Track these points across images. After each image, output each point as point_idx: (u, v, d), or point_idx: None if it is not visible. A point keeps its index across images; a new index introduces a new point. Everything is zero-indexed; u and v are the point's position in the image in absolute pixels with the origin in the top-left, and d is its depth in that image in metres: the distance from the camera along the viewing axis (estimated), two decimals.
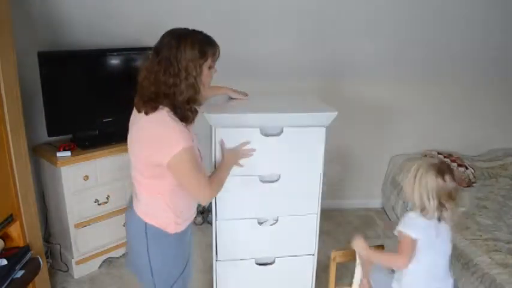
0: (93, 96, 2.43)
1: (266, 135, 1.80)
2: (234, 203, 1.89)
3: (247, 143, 1.74)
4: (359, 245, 1.73)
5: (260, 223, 1.97)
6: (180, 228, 1.52)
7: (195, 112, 1.41)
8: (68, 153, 2.26)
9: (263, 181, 1.89)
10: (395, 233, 1.60)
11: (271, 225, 1.98)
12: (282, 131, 1.80)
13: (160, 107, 1.35)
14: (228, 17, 2.42)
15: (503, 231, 2.50)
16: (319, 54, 2.81)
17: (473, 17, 2.67)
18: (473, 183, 3.13)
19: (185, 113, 1.37)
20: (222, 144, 1.71)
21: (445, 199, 1.52)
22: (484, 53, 3.00)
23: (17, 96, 1.80)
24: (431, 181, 1.51)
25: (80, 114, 2.39)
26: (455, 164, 3.15)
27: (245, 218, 1.95)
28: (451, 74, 3.15)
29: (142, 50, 2.51)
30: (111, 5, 2.24)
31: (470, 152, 3.50)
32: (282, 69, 2.82)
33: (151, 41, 2.50)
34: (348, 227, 3.10)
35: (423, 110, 3.28)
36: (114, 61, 2.42)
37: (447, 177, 1.52)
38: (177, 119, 1.35)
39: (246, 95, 1.97)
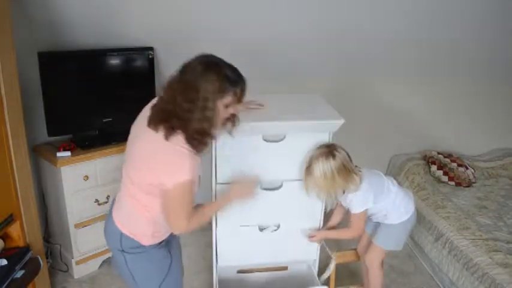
0: (93, 96, 2.43)
1: (268, 141, 1.77)
2: (234, 211, 1.82)
3: (256, 181, 1.69)
4: (321, 236, 1.99)
5: (261, 229, 1.93)
6: (157, 240, 1.52)
7: (205, 144, 1.38)
8: (68, 153, 2.26)
9: (265, 188, 1.84)
10: (354, 211, 1.86)
11: (273, 231, 1.94)
12: (284, 137, 1.77)
13: (178, 131, 1.33)
14: (231, 16, 2.42)
15: (503, 231, 2.50)
16: (318, 55, 2.81)
17: (475, 17, 2.67)
18: (473, 183, 3.13)
19: (193, 142, 1.34)
20: (235, 180, 1.67)
21: (350, 166, 1.76)
22: (484, 54, 3.00)
23: (17, 96, 1.80)
24: (335, 164, 1.72)
25: (80, 114, 2.39)
26: (455, 164, 3.15)
27: (246, 226, 1.90)
28: (451, 74, 3.15)
29: (143, 50, 2.51)
30: (112, 5, 2.23)
31: (470, 152, 3.50)
32: (282, 69, 2.81)
33: (152, 41, 2.52)
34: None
35: (423, 110, 3.28)
36: (114, 61, 2.42)
37: (336, 153, 1.74)
38: (191, 149, 1.34)
39: (249, 107, 1.78)
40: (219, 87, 1.30)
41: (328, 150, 1.74)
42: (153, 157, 1.36)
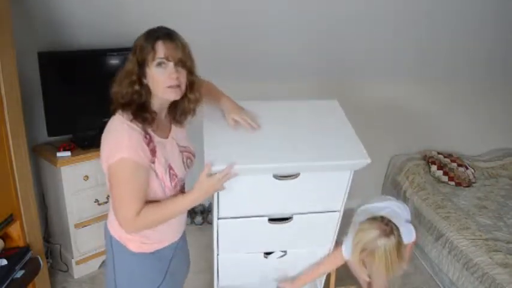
0: (93, 96, 2.41)
1: (279, 179, 1.54)
2: (239, 241, 1.71)
3: (233, 166, 1.37)
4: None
5: (267, 255, 1.78)
6: (148, 249, 1.39)
7: (147, 113, 1.26)
8: (68, 153, 2.26)
9: (273, 220, 1.66)
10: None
11: (279, 257, 1.80)
12: (298, 174, 1.54)
13: (126, 108, 1.26)
14: (232, 18, 2.41)
15: (503, 231, 2.51)
16: (318, 55, 2.80)
17: (475, 17, 2.67)
18: (473, 183, 3.13)
19: (137, 116, 1.24)
20: (207, 166, 1.35)
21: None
22: (484, 54, 3.00)
23: (17, 96, 1.80)
24: (390, 243, 1.56)
25: (80, 114, 2.39)
26: (455, 164, 3.15)
27: (250, 253, 1.77)
28: (451, 74, 3.16)
29: None
30: (112, 4, 2.23)
31: (470, 152, 3.50)
32: (283, 70, 2.81)
33: None
34: (347, 227, 3.10)
35: (423, 110, 3.28)
36: (114, 61, 2.42)
37: (394, 230, 1.59)
38: (136, 126, 1.24)
39: (235, 118, 1.56)
40: (133, 48, 1.26)
41: (389, 228, 1.57)
42: (102, 139, 1.28)
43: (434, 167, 3.16)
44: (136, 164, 1.21)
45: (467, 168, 3.16)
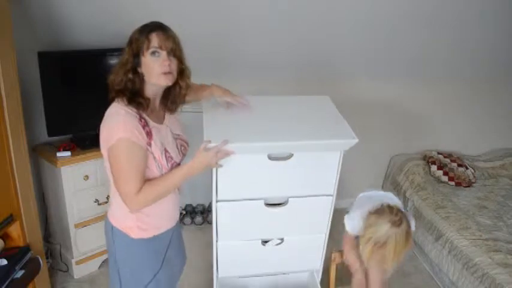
0: (93, 96, 2.42)
1: (273, 159, 1.64)
2: (237, 226, 1.77)
3: (227, 142, 1.46)
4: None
5: (264, 243, 1.85)
6: (146, 234, 1.48)
7: (141, 98, 1.38)
8: (68, 153, 2.26)
9: (269, 204, 1.74)
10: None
11: (277, 245, 1.86)
12: (291, 155, 1.65)
13: (121, 95, 1.37)
14: (229, 18, 2.42)
15: (503, 231, 2.51)
16: (318, 54, 2.81)
17: (475, 17, 2.67)
18: (473, 183, 3.13)
19: (132, 101, 1.35)
20: (205, 143, 1.46)
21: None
22: (484, 53, 3.00)
23: (17, 96, 1.80)
24: (400, 231, 1.51)
25: (80, 114, 2.39)
26: (455, 164, 3.15)
27: (248, 240, 1.83)
28: (451, 74, 3.16)
29: None
30: (112, 5, 2.23)
31: (470, 152, 3.50)
32: (282, 70, 2.81)
33: None
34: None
35: (423, 110, 3.28)
36: (114, 61, 2.42)
37: (404, 219, 1.54)
38: (131, 110, 1.34)
39: (227, 99, 1.72)
40: (129, 40, 1.37)
41: (398, 218, 1.52)
42: (100, 129, 1.38)
43: (434, 167, 3.16)
44: (133, 143, 1.31)
45: (467, 168, 3.16)
